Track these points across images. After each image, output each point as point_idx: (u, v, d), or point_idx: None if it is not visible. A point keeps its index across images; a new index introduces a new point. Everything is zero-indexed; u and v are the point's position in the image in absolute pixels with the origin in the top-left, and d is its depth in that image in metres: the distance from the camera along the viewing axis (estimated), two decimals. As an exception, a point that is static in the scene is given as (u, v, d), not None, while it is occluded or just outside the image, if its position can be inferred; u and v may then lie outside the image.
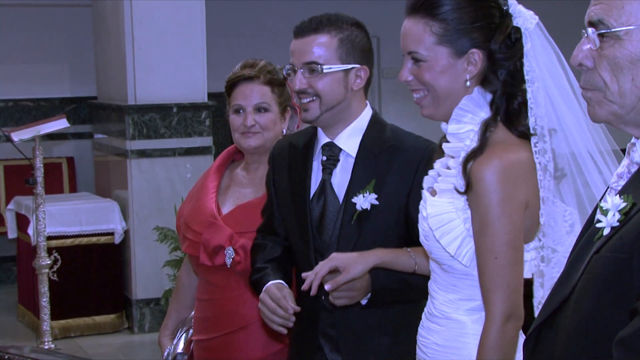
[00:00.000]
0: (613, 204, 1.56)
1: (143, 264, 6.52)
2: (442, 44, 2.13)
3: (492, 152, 2.08)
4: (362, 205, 2.58)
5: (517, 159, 2.08)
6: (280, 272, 2.68)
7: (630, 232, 1.51)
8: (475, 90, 2.15)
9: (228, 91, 3.02)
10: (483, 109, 2.15)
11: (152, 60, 6.51)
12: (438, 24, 2.13)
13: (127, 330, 6.65)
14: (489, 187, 2.05)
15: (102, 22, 7.06)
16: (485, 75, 2.15)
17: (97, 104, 7.34)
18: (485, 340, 2.06)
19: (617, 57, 1.60)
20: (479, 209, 2.07)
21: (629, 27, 1.58)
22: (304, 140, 2.74)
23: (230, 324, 2.99)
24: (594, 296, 1.54)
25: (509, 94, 2.14)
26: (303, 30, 2.64)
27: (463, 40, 2.13)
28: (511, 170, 2.06)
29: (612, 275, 1.51)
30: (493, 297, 2.06)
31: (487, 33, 2.13)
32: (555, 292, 1.66)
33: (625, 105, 1.61)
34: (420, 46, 2.14)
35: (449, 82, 2.15)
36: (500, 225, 2.05)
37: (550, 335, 1.63)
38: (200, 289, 3.13)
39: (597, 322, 1.53)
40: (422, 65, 2.15)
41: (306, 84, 2.62)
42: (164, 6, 6.52)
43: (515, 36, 2.13)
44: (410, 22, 2.17)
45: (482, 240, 2.07)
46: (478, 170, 2.06)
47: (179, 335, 3.21)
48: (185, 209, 3.15)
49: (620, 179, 1.67)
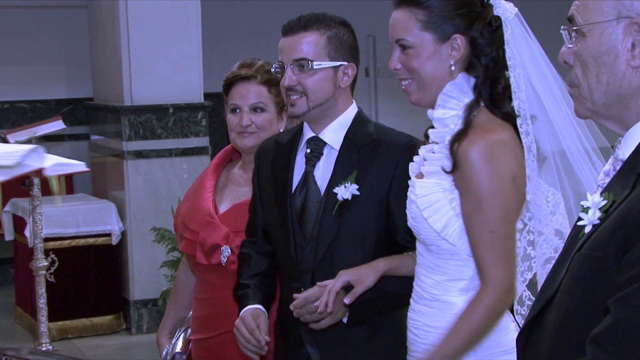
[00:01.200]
0: (593, 202, 1.59)
1: (140, 265, 6.52)
2: (427, 30, 2.26)
3: (475, 133, 2.19)
4: (343, 195, 2.62)
5: (499, 139, 2.19)
6: (262, 291, 2.74)
7: (606, 230, 1.53)
8: (459, 76, 2.27)
9: (225, 90, 3.03)
10: (467, 94, 2.26)
11: (148, 60, 6.51)
12: (422, 11, 2.26)
13: (124, 331, 6.65)
14: (477, 167, 2.15)
15: (97, 23, 7.06)
16: (469, 61, 2.27)
17: (93, 105, 7.33)
18: (483, 308, 2.15)
19: (582, 54, 1.64)
20: (470, 188, 2.17)
21: (591, 23, 1.62)
22: (289, 137, 2.79)
23: (228, 322, 2.98)
24: (575, 294, 1.56)
25: (493, 78, 2.26)
26: (292, 28, 2.69)
27: (446, 26, 2.26)
28: (495, 148, 2.17)
29: (589, 273, 1.54)
30: (493, 269, 2.15)
31: (469, 20, 2.26)
32: (543, 289, 1.69)
33: (595, 101, 1.64)
34: (407, 33, 2.28)
35: (434, 68, 2.27)
36: (494, 201, 2.15)
37: (538, 333, 1.64)
38: (197, 288, 3.13)
39: (578, 319, 1.55)
40: (410, 52, 2.28)
41: (295, 80, 2.66)
42: (160, 7, 6.52)
43: (496, 24, 2.26)
44: (397, 13, 2.30)
45: (477, 217, 2.16)
46: (464, 151, 2.17)
47: (177, 335, 3.22)
48: (182, 208, 3.16)
49: (606, 176, 1.69)
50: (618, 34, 1.60)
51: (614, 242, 1.50)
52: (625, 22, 1.59)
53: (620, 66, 1.60)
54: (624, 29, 1.59)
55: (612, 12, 1.60)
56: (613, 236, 1.50)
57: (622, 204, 1.53)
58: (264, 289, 2.76)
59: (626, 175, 1.57)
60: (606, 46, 1.61)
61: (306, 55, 2.65)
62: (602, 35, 1.61)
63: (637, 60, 1.59)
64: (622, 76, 1.60)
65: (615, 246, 1.50)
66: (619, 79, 1.60)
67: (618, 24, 1.59)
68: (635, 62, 1.59)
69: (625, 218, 1.49)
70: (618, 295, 1.46)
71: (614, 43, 1.60)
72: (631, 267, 1.46)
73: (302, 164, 2.73)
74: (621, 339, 1.43)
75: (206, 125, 6.70)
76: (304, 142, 2.74)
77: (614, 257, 1.50)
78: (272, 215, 2.76)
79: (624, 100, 1.61)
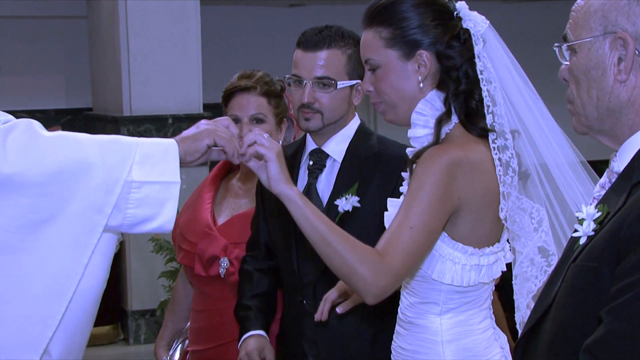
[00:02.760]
0: (588, 213, 1.61)
1: (138, 275, 6.51)
2: (391, 47, 2.21)
3: (440, 147, 2.13)
4: (344, 207, 2.63)
5: (465, 156, 2.12)
6: (264, 314, 2.76)
7: (600, 241, 1.55)
8: (431, 93, 2.21)
9: (225, 101, 3.03)
10: (440, 110, 2.20)
11: (147, 71, 6.52)
12: (386, 29, 2.21)
13: (122, 341, 6.64)
14: (428, 171, 2.07)
15: (97, 34, 7.07)
16: (440, 77, 2.21)
17: (92, 115, 7.34)
18: (362, 262, 2.01)
19: (574, 70, 1.68)
20: (412, 186, 2.09)
21: (580, 40, 1.66)
22: (292, 149, 2.80)
23: (226, 334, 2.99)
24: (570, 305, 1.57)
25: (466, 92, 2.19)
26: (314, 44, 2.68)
27: (411, 43, 2.20)
28: (456, 166, 2.09)
29: (584, 284, 1.55)
30: (395, 254, 2.02)
31: (434, 35, 2.20)
32: (539, 302, 1.70)
33: (587, 116, 1.68)
34: (373, 52, 2.23)
35: (402, 86, 2.21)
36: (426, 203, 2.05)
37: (534, 345, 1.65)
38: (195, 299, 3.13)
39: (573, 330, 1.55)
40: (378, 73, 2.23)
41: (314, 98, 2.67)
42: (160, 17, 6.53)
43: (464, 37, 2.19)
44: (365, 34, 2.26)
45: (404, 208, 2.07)
46: (422, 159, 2.11)
47: (175, 346, 3.21)
48: (180, 219, 3.15)
49: (602, 188, 1.71)
50: (605, 49, 1.64)
51: (607, 253, 1.51)
52: (611, 38, 1.62)
53: (608, 80, 1.64)
54: (610, 44, 1.63)
55: (598, 28, 1.64)
56: (607, 247, 1.52)
57: (616, 214, 1.55)
58: (265, 310, 2.78)
59: (620, 187, 1.59)
60: (594, 61, 1.65)
61: (329, 74, 2.67)
62: (590, 51, 1.65)
63: (624, 75, 1.62)
64: (611, 90, 1.64)
65: (609, 257, 1.51)
66: (608, 93, 1.64)
67: (605, 40, 1.63)
68: (621, 76, 1.62)
69: (619, 229, 1.51)
70: (611, 305, 1.47)
71: (602, 58, 1.64)
72: (624, 277, 1.47)
73: (305, 176, 2.73)
74: (614, 348, 1.44)
75: (205, 136, 6.70)
76: (306, 154, 2.75)
77: (607, 268, 1.51)
78: (276, 228, 2.76)
79: (614, 114, 1.64)
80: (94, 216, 1.91)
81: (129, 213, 1.94)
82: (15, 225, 1.88)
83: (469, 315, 2.21)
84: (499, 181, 2.12)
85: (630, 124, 1.64)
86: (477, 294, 2.21)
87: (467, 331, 2.21)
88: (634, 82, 1.62)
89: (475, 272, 2.17)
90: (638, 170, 1.58)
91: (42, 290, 1.89)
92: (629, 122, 1.64)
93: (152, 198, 1.97)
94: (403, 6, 2.21)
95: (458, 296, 2.18)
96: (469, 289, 2.18)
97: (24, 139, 1.92)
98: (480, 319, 2.23)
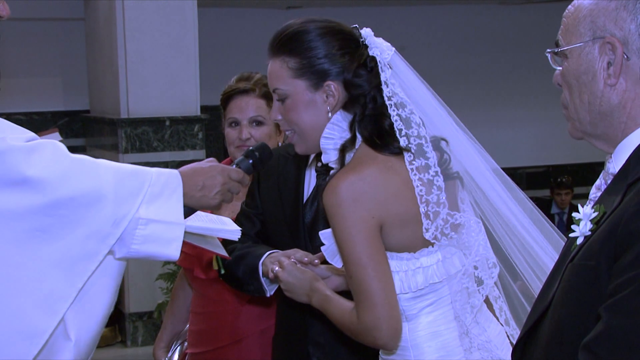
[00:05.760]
0: (584, 213, 1.63)
1: (136, 278, 6.51)
2: (298, 77, 2.21)
3: (337, 176, 2.13)
4: None
5: (360, 178, 2.12)
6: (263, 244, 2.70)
7: (597, 240, 1.56)
8: (336, 115, 2.21)
9: (223, 104, 3.03)
10: (348, 131, 2.21)
11: (144, 73, 6.53)
12: (293, 59, 2.21)
13: (120, 344, 6.64)
14: (331, 212, 2.10)
15: (95, 36, 7.07)
16: (346, 101, 2.21)
17: (90, 117, 7.34)
18: (351, 324, 2.14)
19: (566, 75, 1.72)
20: (334, 234, 2.13)
21: (571, 46, 1.69)
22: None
23: (225, 337, 2.99)
24: (568, 304, 1.59)
25: (374, 117, 2.18)
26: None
27: (318, 73, 2.20)
28: (354, 191, 2.10)
29: (582, 283, 1.57)
30: (359, 310, 2.11)
31: (342, 64, 2.19)
32: (537, 303, 1.72)
33: (581, 120, 1.71)
34: (280, 82, 2.23)
35: (311, 116, 2.22)
36: (347, 247, 2.10)
37: (532, 346, 1.67)
38: (195, 302, 3.13)
39: (571, 329, 1.57)
40: (287, 102, 2.23)
41: None
42: (157, 20, 6.54)
43: (371, 65, 2.19)
44: (271, 63, 2.26)
45: (343, 254, 2.13)
46: (325, 196, 2.12)
47: (174, 348, 3.22)
48: (180, 221, 3.15)
49: (598, 190, 1.75)
50: (594, 54, 1.67)
51: (605, 251, 1.53)
52: (600, 42, 1.65)
53: (599, 85, 1.66)
54: (599, 49, 1.66)
55: (587, 34, 1.67)
56: (604, 245, 1.54)
57: (612, 214, 1.57)
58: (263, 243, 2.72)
59: (616, 187, 1.62)
60: (584, 66, 1.68)
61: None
62: (580, 56, 1.68)
63: (613, 79, 1.65)
64: (602, 94, 1.66)
65: (606, 254, 1.53)
66: (599, 97, 1.67)
67: (594, 45, 1.66)
68: (611, 80, 1.65)
69: (615, 227, 1.53)
70: (609, 302, 1.49)
71: (591, 63, 1.67)
72: (621, 274, 1.49)
73: (312, 178, 2.71)
74: (612, 345, 1.46)
75: (202, 138, 6.71)
76: (313, 155, 2.72)
77: (605, 266, 1.53)
78: (281, 229, 2.73)
79: (606, 117, 1.67)
80: (96, 244, 1.95)
81: (133, 249, 1.99)
82: (22, 228, 1.89)
83: (436, 316, 2.21)
84: (419, 201, 2.13)
85: (623, 127, 1.67)
86: (437, 295, 2.21)
87: (435, 332, 2.21)
88: (624, 86, 1.65)
89: (421, 275, 2.17)
90: (633, 170, 1.60)
91: (31, 306, 1.89)
92: (621, 125, 1.67)
93: (156, 237, 2.01)
94: (309, 35, 2.21)
95: (415, 301, 2.19)
96: (423, 291, 2.18)
97: (50, 157, 1.94)
98: (450, 318, 2.23)
